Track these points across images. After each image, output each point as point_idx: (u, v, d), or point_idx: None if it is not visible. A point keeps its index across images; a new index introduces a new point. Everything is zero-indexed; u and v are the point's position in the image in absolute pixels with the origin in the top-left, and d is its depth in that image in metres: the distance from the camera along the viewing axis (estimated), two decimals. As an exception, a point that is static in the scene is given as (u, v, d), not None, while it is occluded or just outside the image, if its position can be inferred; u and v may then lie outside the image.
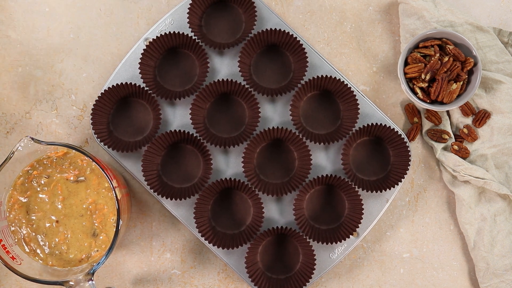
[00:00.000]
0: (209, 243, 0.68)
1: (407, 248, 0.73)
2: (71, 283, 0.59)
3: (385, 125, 0.70)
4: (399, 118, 0.74)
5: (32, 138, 0.60)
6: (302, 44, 0.70)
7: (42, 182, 0.65)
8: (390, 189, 0.69)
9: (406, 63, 0.71)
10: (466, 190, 0.70)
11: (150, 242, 0.73)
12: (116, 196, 0.60)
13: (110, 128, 0.72)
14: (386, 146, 0.72)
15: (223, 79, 0.70)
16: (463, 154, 0.71)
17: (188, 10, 0.71)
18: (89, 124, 0.73)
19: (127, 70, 0.72)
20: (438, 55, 0.69)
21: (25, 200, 0.65)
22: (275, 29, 0.70)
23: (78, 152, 0.62)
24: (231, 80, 0.70)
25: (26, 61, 0.74)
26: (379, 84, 0.74)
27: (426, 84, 0.70)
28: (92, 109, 0.69)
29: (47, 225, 0.64)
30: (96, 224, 0.65)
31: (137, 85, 0.70)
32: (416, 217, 0.73)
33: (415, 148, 0.74)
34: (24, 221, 0.64)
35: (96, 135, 0.70)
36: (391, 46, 0.75)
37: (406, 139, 0.71)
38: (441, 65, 0.69)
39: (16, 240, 0.64)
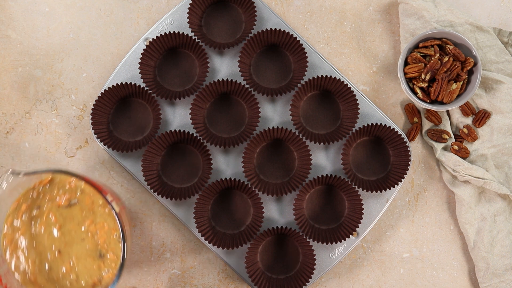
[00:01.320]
0: (209, 243, 0.68)
1: (407, 248, 0.73)
2: None
3: (385, 125, 0.70)
4: (399, 118, 0.74)
5: (13, 172, 0.56)
6: (302, 44, 0.70)
7: (34, 214, 0.61)
8: (390, 189, 0.69)
9: (406, 63, 0.71)
10: (466, 190, 0.70)
11: (150, 242, 0.73)
12: (114, 210, 0.58)
13: (110, 128, 0.72)
14: (386, 146, 0.72)
15: (223, 79, 0.70)
16: (463, 154, 0.71)
17: (188, 10, 0.71)
18: (89, 124, 0.73)
19: (127, 70, 0.72)
20: (438, 55, 0.69)
21: (20, 238, 0.61)
22: (275, 29, 0.70)
23: (63, 174, 0.59)
24: (231, 80, 0.70)
25: (26, 61, 0.74)
26: (379, 84, 0.74)
27: (426, 84, 0.70)
28: (92, 109, 0.69)
29: (49, 257, 0.61)
30: (100, 244, 0.61)
31: (137, 85, 0.70)
32: (416, 217, 0.73)
33: (415, 148, 0.74)
34: (24, 259, 0.61)
35: (96, 135, 0.70)
36: (391, 46, 0.75)
37: (406, 139, 0.71)
38: (441, 65, 0.69)
39: (20, 280, 0.60)
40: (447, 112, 0.73)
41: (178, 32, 0.70)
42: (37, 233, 0.61)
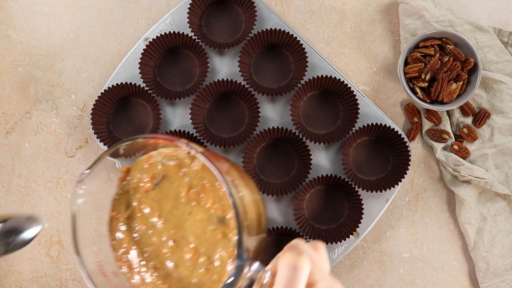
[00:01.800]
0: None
1: (407, 248, 0.73)
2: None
3: (385, 125, 0.70)
4: (399, 118, 0.74)
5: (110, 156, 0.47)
6: (302, 44, 0.70)
7: (126, 215, 0.51)
8: (390, 189, 0.69)
9: (406, 63, 0.71)
10: (466, 190, 0.70)
11: (150, 242, 0.73)
12: (200, 153, 0.45)
13: (110, 128, 0.72)
14: (386, 146, 0.72)
15: (223, 79, 0.70)
16: (463, 154, 0.71)
17: (188, 10, 0.71)
18: (89, 124, 0.73)
19: (127, 70, 0.72)
20: (438, 55, 0.69)
21: (130, 254, 0.50)
22: (275, 29, 0.70)
23: (135, 140, 0.47)
24: (231, 80, 0.70)
25: (26, 61, 0.74)
26: (379, 84, 0.74)
27: (426, 84, 0.70)
28: (92, 109, 0.69)
29: (167, 253, 0.49)
30: (211, 207, 0.48)
31: (137, 85, 0.70)
32: (416, 217, 0.73)
33: (415, 148, 0.74)
34: (146, 273, 0.49)
35: (96, 135, 0.70)
36: (391, 46, 0.75)
37: (406, 139, 0.71)
38: (441, 65, 0.69)
39: None
40: (447, 112, 0.73)
41: (178, 32, 0.70)
42: (141, 235, 0.49)
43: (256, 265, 0.41)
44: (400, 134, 0.70)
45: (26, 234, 0.47)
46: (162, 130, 0.72)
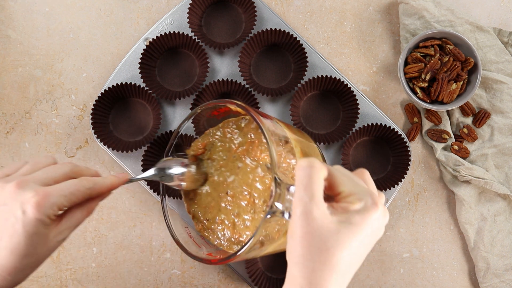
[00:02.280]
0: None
1: (407, 248, 0.73)
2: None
3: (385, 125, 0.70)
4: (399, 118, 0.74)
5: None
6: (302, 44, 0.70)
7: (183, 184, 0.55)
8: (390, 189, 0.69)
9: (406, 63, 0.71)
10: (466, 190, 0.70)
11: (150, 242, 0.73)
12: (241, 106, 0.49)
13: (110, 128, 0.72)
14: (386, 146, 0.72)
15: (223, 79, 0.70)
16: (463, 154, 0.71)
17: (188, 10, 0.71)
18: (89, 124, 0.73)
19: (127, 70, 0.72)
20: (438, 55, 0.69)
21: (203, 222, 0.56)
22: (275, 29, 0.70)
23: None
24: (231, 80, 0.70)
25: (26, 61, 0.74)
26: (379, 84, 0.74)
27: (426, 84, 0.70)
28: (92, 109, 0.69)
29: (226, 206, 0.54)
30: (259, 158, 0.53)
31: (137, 85, 0.70)
32: (416, 217, 0.73)
33: (415, 148, 0.74)
34: (219, 232, 0.55)
35: (96, 135, 0.70)
36: (391, 46, 0.75)
37: (406, 139, 0.71)
38: (441, 65, 0.69)
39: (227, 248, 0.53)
40: (447, 112, 0.73)
41: (178, 32, 0.70)
42: (200, 196, 0.56)
43: (293, 187, 0.42)
44: (400, 134, 0.70)
45: (172, 171, 0.54)
46: (162, 130, 0.72)
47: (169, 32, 0.70)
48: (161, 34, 0.70)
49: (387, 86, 0.74)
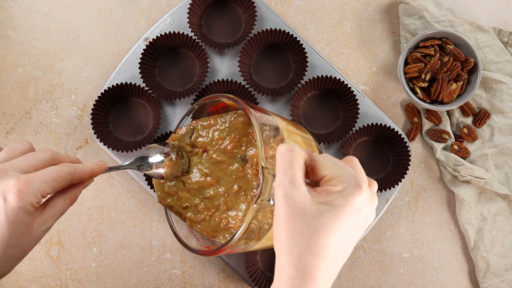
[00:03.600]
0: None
1: (407, 248, 0.73)
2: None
3: (385, 125, 0.70)
4: (399, 118, 0.74)
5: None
6: (302, 44, 0.70)
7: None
8: (390, 189, 0.69)
9: (406, 63, 0.71)
10: (466, 190, 0.70)
11: (150, 242, 0.73)
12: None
13: (110, 128, 0.72)
14: (386, 146, 0.72)
15: (223, 79, 0.70)
16: (463, 154, 0.71)
17: (188, 10, 0.71)
18: (89, 124, 0.73)
19: (127, 70, 0.72)
20: (438, 55, 0.69)
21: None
22: (275, 29, 0.70)
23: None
24: (231, 80, 0.70)
25: (26, 61, 0.74)
26: (379, 84, 0.74)
27: (426, 84, 0.70)
28: (92, 109, 0.69)
29: (222, 203, 0.54)
30: (235, 151, 0.54)
31: (137, 85, 0.70)
32: (416, 217, 0.73)
33: (415, 148, 0.74)
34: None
35: (96, 135, 0.70)
36: (391, 46, 0.75)
37: (406, 139, 0.71)
38: (441, 65, 0.69)
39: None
40: (447, 112, 0.73)
41: (178, 32, 0.70)
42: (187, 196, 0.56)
43: None
44: (400, 134, 0.70)
45: (151, 159, 0.55)
46: (162, 130, 0.72)
47: (169, 32, 0.70)
48: (161, 34, 0.70)
49: (387, 86, 0.74)
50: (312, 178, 0.42)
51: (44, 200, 0.45)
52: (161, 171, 0.55)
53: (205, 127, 0.55)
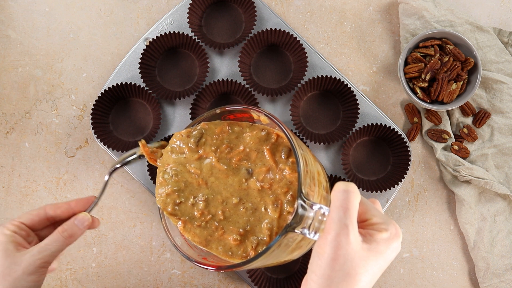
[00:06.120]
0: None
1: (407, 248, 0.73)
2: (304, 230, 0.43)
3: (385, 125, 0.70)
4: (399, 118, 0.74)
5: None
6: (302, 44, 0.70)
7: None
8: (390, 189, 0.69)
9: (406, 63, 0.71)
10: (466, 190, 0.70)
11: (150, 242, 0.73)
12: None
13: (110, 128, 0.72)
14: (386, 146, 0.72)
15: (223, 79, 0.70)
16: (463, 154, 0.71)
17: (188, 10, 0.71)
18: (89, 124, 0.73)
19: (127, 70, 0.72)
20: (438, 55, 0.69)
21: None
22: (275, 29, 0.70)
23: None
24: (231, 80, 0.70)
25: (26, 61, 0.74)
26: (379, 84, 0.74)
27: (426, 84, 0.70)
28: (92, 109, 0.69)
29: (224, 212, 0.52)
30: (240, 164, 0.52)
31: (137, 85, 0.70)
32: (416, 217, 0.73)
33: (415, 148, 0.74)
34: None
35: (96, 135, 0.70)
36: (391, 46, 0.75)
37: (406, 139, 0.71)
38: (441, 65, 0.69)
39: None
40: (447, 112, 0.73)
41: (178, 32, 0.70)
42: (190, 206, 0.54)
43: (317, 205, 0.43)
44: (400, 134, 0.70)
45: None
46: (162, 130, 0.72)
47: (169, 32, 0.70)
48: (161, 34, 0.70)
49: (387, 86, 0.74)
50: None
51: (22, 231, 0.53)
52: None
53: (216, 132, 0.54)
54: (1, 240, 0.51)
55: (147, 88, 0.70)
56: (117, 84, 0.70)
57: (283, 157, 0.50)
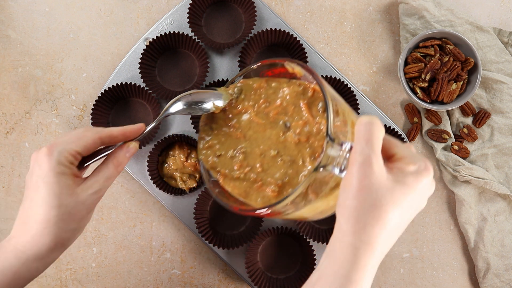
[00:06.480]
0: (209, 243, 0.68)
1: (407, 248, 0.73)
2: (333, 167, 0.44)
3: (385, 125, 0.70)
4: (399, 118, 0.74)
5: None
6: (302, 44, 0.70)
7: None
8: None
9: (406, 63, 0.71)
10: (466, 190, 0.70)
11: (150, 242, 0.73)
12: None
13: (110, 128, 0.72)
14: (386, 146, 0.72)
15: (223, 79, 0.70)
16: (463, 154, 0.71)
17: (188, 10, 0.71)
18: (89, 124, 0.73)
19: (127, 70, 0.72)
20: (438, 55, 0.69)
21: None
22: (275, 29, 0.70)
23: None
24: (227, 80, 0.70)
25: (26, 61, 0.74)
26: (379, 84, 0.74)
27: (426, 84, 0.70)
28: (92, 109, 0.69)
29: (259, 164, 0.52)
30: (279, 118, 0.53)
31: (137, 85, 0.70)
32: (416, 217, 0.73)
33: (415, 148, 0.74)
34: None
35: (96, 135, 0.70)
36: (391, 46, 0.75)
37: (406, 139, 0.71)
38: (441, 65, 0.69)
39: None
40: (447, 112, 0.73)
41: (178, 32, 0.70)
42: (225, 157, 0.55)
43: (346, 144, 0.43)
44: (400, 134, 0.70)
45: (206, 105, 0.54)
46: (162, 130, 0.72)
47: (169, 32, 0.70)
48: (161, 34, 0.70)
49: (387, 86, 0.74)
50: (382, 154, 0.43)
51: (77, 159, 0.49)
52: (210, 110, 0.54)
53: (254, 88, 0.55)
54: (60, 171, 0.47)
55: (147, 88, 0.70)
56: (117, 84, 0.70)
57: (320, 111, 0.50)
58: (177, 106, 0.53)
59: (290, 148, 0.52)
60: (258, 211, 0.47)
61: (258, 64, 0.53)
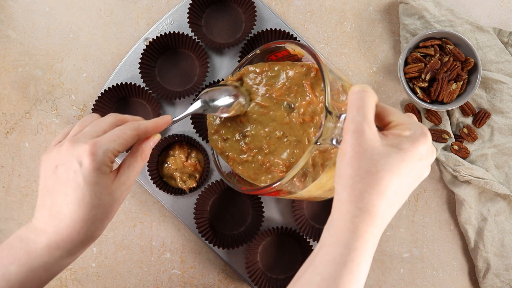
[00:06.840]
0: (209, 243, 0.68)
1: (407, 248, 0.73)
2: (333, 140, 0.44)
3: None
4: (399, 118, 0.74)
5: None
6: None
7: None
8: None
9: (406, 63, 0.71)
10: (466, 190, 0.70)
11: (150, 242, 0.73)
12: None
13: (110, 128, 0.72)
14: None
15: (223, 79, 0.70)
16: (463, 154, 0.71)
17: (188, 10, 0.71)
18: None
19: (127, 70, 0.72)
20: (438, 55, 0.69)
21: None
22: (275, 29, 0.70)
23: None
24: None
25: (26, 61, 0.74)
26: (379, 84, 0.74)
27: (426, 84, 0.70)
28: (92, 109, 0.69)
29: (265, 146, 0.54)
30: (283, 99, 0.54)
31: (137, 85, 0.70)
32: (416, 217, 0.73)
33: (415, 148, 0.74)
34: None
35: (96, 135, 0.70)
36: (391, 46, 0.75)
37: (406, 139, 0.71)
38: (441, 65, 0.69)
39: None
40: (447, 112, 0.73)
41: (178, 32, 0.70)
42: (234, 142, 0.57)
43: (344, 115, 0.43)
44: (400, 134, 0.70)
45: (218, 102, 0.55)
46: (162, 130, 0.71)
47: (169, 32, 0.70)
48: (161, 34, 0.70)
49: (387, 86, 0.74)
50: (377, 124, 0.43)
51: (116, 159, 0.48)
52: (225, 115, 0.56)
53: (257, 72, 0.56)
54: (103, 172, 0.46)
55: (147, 88, 0.70)
56: (117, 84, 0.70)
57: (323, 91, 0.51)
58: (195, 105, 0.54)
59: (295, 128, 0.52)
60: (264, 189, 0.48)
61: (261, 48, 0.54)
